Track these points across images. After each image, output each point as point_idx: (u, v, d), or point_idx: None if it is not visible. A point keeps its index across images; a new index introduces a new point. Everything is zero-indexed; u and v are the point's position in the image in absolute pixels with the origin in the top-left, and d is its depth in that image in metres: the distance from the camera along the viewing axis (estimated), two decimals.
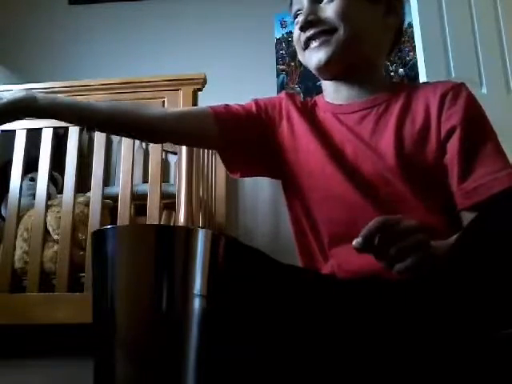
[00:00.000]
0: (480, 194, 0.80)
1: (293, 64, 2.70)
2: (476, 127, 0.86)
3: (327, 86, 1.00)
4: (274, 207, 2.44)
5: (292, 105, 1.00)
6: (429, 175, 0.86)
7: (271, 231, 2.38)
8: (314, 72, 0.97)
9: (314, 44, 0.92)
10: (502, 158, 0.84)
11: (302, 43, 0.94)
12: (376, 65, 0.98)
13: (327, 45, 0.90)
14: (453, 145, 0.85)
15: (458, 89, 0.90)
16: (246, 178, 2.60)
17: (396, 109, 0.92)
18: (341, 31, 0.90)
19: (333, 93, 0.99)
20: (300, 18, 0.93)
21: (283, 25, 2.77)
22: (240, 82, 2.64)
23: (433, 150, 0.87)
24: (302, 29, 0.93)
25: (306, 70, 2.74)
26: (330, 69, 0.94)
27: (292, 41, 2.95)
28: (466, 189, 0.82)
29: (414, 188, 0.85)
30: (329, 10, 0.91)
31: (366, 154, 0.89)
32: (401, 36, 1.00)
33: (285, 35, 2.76)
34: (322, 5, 0.92)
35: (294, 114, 0.98)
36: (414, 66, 2.47)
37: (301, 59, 0.99)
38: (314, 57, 0.93)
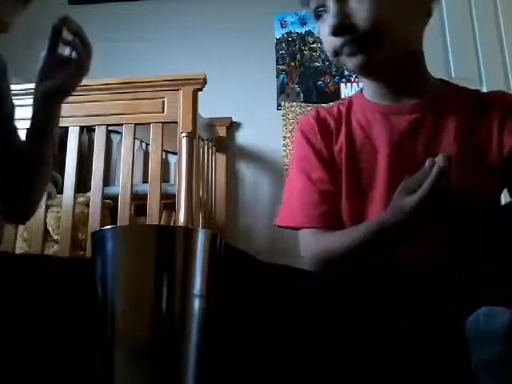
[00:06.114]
0: None
1: (293, 64, 2.71)
2: None
3: (370, 85, 0.93)
4: (273, 207, 2.44)
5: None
6: (483, 190, 0.82)
7: (271, 231, 2.38)
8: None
9: (347, 51, 0.84)
10: None
11: (335, 49, 0.85)
12: (418, 53, 0.90)
13: (363, 51, 0.82)
14: None
15: None
16: (245, 178, 2.60)
17: (453, 115, 0.86)
18: (376, 35, 0.81)
19: (376, 93, 0.92)
20: (329, 22, 0.83)
21: (283, 25, 2.77)
22: (240, 81, 2.64)
23: (493, 164, 0.83)
24: (334, 34, 0.83)
25: (306, 69, 2.75)
26: (372, 73, 0.89)
27: (292, 41, 2.94)
28: None
29: (464, 201, 0.80)
30: (360, 12, 0.81)
31: (421, 160, 0.82)
32: (433, 9, 0.89)
33: (285, 35, 2.76)
34: (350, 3, 0.82)
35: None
36: None
37: (332, 61, 0.90)
38: (349, 63, 0.85)
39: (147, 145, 2.41)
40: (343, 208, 0.89)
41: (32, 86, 0.97)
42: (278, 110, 2.61)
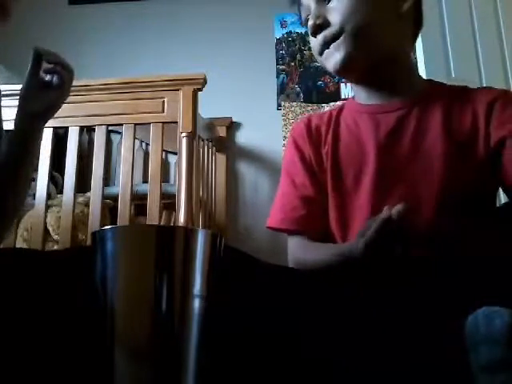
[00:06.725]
0: None
1: (293, 64, 2.71)
2: None
3: (357, 88, 0.96)
4: None
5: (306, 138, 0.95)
6: (471, 183, 0.83)
7: (271, 231, 2.38)
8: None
9: (327, 50, 0.88)
10: None
11: (317, 49, 0.90)
12: (401, 56, 0.91)
13: (338, 50, 0.86)
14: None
15: (507, 96, 0.86)
16: (245, 178, 2.60)
17: (439, 110, 0.88)
18: (348, 34, 0.84)
19: (364, 95, 0.94)
20: (309, 23, 0.88)
21: (283, 25, 2.77)
22: (240, 81, 2.64)
23: (480, 157, 0.83)
24: (314, 34, 0.88)
25: (305, 69, 2.75)
26: (350, 73, 0.91)
27: (292, 41, 2.95)
28: None
29: (452, 195, 0.81)
30: (334, 12, 0.86)
31: (408, 156, 0.86)
32: (421, 16, 0.92)
33: (285, 35, 2.76)
34: (329, 5, 0.87)
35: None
36: None
37: (320, 63, 0.93)
38: (328, 63, 0.89)
39: (147, 145, 2.41)
40: (330, 213, 0.90)
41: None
42: (278, 110, 2.61)
